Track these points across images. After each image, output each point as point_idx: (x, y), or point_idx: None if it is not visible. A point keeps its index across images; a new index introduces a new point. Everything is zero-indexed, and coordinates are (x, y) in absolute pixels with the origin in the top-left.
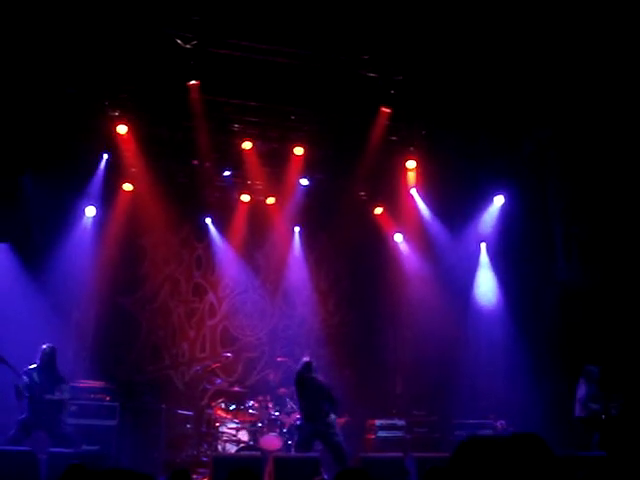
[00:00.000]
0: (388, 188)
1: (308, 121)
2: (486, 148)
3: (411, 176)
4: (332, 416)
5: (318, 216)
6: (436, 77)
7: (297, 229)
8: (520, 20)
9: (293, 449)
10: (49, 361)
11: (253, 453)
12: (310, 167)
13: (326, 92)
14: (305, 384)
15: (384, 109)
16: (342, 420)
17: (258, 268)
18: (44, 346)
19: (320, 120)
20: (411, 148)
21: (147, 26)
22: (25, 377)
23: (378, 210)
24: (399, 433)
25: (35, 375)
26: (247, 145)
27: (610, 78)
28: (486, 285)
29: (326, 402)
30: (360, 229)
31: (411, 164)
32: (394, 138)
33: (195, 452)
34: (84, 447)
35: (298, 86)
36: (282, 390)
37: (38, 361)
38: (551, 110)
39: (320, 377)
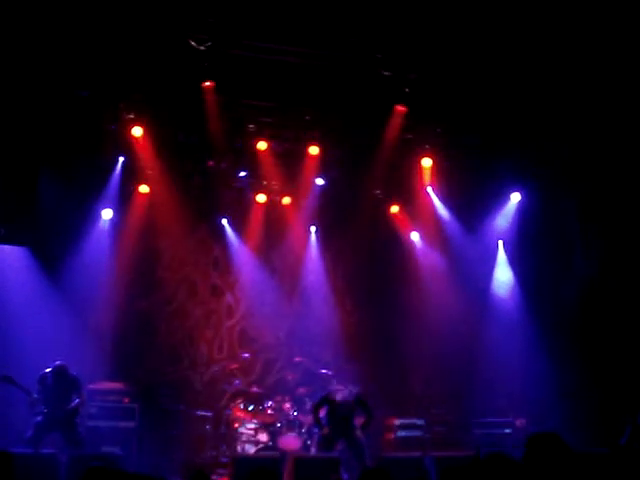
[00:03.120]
0: (404, 186)
1: (323, 121)
2: (502, 145)
3: (427, 174)
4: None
5: (334, 215)
6: (451, 75)
7: (313, 229)
8: (533, 19)
9: (313, 448)
10: (60, 376)
11: (272, 453)
12: (326, 166)
13: (340, 91)
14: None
15: (399, 107)
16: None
17: (275, 268)
18: (51, 368)
19: (335, 119)
20: (426, 146)
21: (161, 28)
22: (36, 394)
23: (394, 209)
24: (418, 432)
25: (47, 388)
26: (262, 145)
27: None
28: (504, 282)
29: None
30: (376, 227)
31: (427, 162)
32: (410, 136)
33: (214, 453)
34: (104, 449)
35: (312, 86)
36: (301, 390)
37: (50, 379)
38: (566, 107)
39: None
